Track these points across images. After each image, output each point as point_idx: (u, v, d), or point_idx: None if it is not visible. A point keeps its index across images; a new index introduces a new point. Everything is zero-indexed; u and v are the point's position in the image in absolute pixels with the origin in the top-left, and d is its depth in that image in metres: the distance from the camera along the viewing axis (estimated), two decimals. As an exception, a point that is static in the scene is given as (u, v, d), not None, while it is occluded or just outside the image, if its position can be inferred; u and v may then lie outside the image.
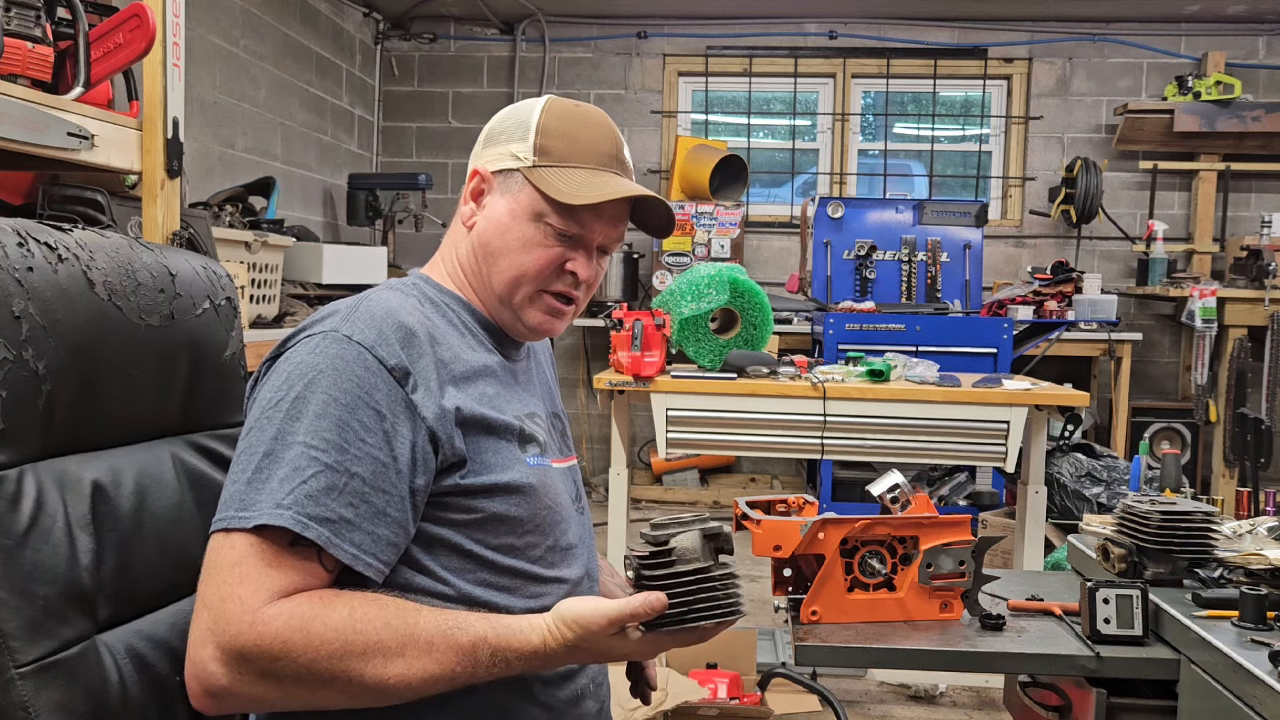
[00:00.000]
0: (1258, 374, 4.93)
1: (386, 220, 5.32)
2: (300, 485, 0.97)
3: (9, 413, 0.93)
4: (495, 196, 1.19)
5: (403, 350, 1.06)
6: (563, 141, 1.18)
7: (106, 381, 1.06)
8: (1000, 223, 5.85)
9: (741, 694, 2.73)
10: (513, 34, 5.96)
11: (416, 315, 1.11)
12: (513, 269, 1.18)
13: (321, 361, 1.03)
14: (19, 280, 0.95)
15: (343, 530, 0.99)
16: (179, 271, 1.19)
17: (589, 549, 1.27)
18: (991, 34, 5.80)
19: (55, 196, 1.91)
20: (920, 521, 1.55)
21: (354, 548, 0.99)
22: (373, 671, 0.96)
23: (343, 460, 0.99)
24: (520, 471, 1.12)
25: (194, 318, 1.19)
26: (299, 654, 0.94)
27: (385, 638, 0.96)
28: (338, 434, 1.00)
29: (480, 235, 1.19)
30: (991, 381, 3.03)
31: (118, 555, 1.02)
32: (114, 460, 1.06)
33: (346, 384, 1.02)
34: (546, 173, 1.16)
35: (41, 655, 0.91)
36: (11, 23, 1.67)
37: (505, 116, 1.23)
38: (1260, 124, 5.32)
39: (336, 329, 1.05)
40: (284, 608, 0.95)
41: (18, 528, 0.91)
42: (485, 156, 1.21)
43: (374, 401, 1.02)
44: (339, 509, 0.98)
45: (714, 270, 3.08)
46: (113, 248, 1.11)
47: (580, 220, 1.17)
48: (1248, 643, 1.35)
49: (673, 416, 2.95)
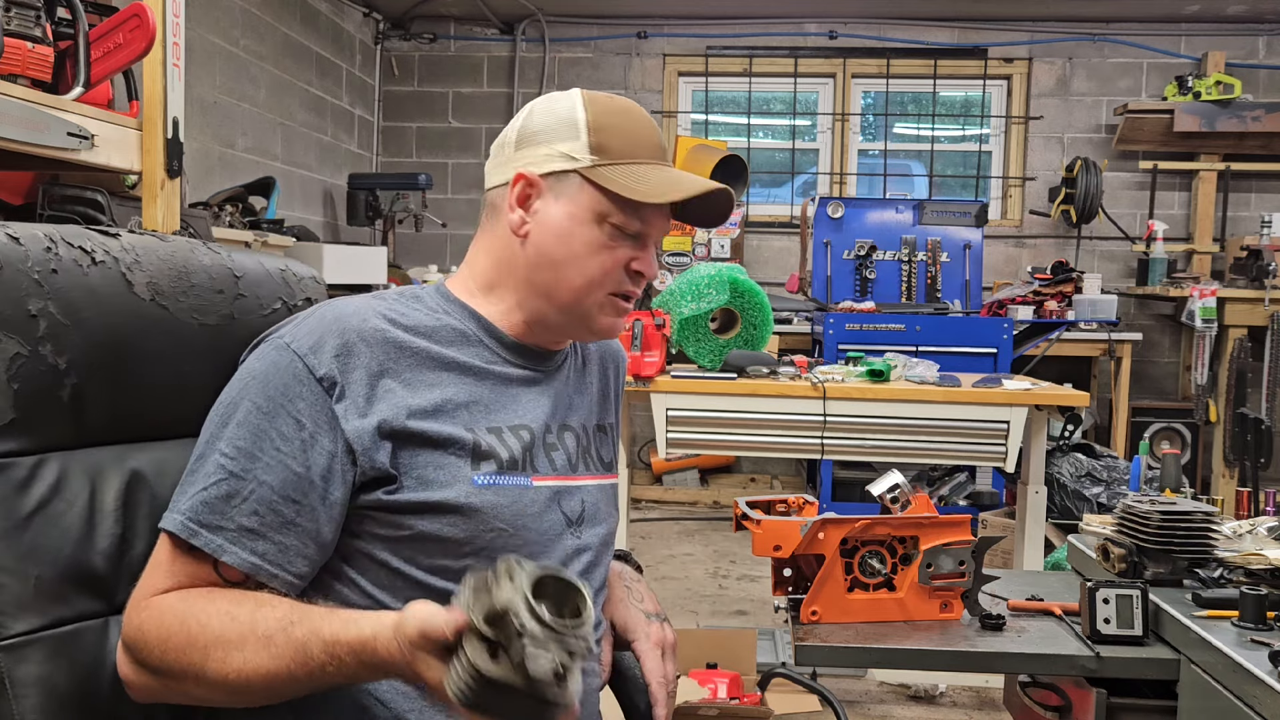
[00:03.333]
0: (1258, 374, 4.93)
1: (386, 220, 5.33)
2: (200, 492, 0.99)
3: (24, 404, 0.99)
4: (548, 201, 1.13)
5: (336, 360, 1.03)
6: (619, 137, 1.12)
7: (151, 377, 1.12)
8: (1000, 223, 5.85)
9: (741, 694, 2.73)
10: (513, 34, 5.96)
11: (372, 323, 1.07)
12: (581, 276, 1.13)
13: (258, 368, 1.04)
14: (39, 281, 1.01)
15: (243, 539, 0.99)
16: (246, 272, 1.24)
17: (585, 573, 1.18)
18: (991, 34, 5.81)
19: (55, 196, 1.91)
20: (920, 521, 1.55)
21: (255, 556, 0.99)
22: (214, 666, 0.94)
23: (251, 468, 1.00)
24: (461, 490, 1.06)
25: (260, 317, 1.22)
26: (154, 645, 0.95)
27: (227, 630, 0.94)
28: (252, 442, 1.00)
29: (539, 244, 1.13)
30: (991, 381, 3.03)
31: (149, 541, 1.06)
32: (163, 453, 1.13)
33: (272, 391, 1.02)
34: (610, 171, 1.11)
35: (25, 630, 0.96)
36: (11, 23, 1.67)
37: (542, 115, 1.15)
38: (1260, 124, 5.32)
39: (282, 336, 1.06)
40: (157, 601, 0.97)
41: (21, 511, 0.97)
42: (526, 159, 1.14)
43: (295, 410, 1.02)
44: (239, 518, 0.99)
45: (714, 270, 3.08)
46: (168, 251, 1.16)
47: (645, 217, 1.13)
48: (1248, 643, 1.35)
49: (673, 416, 2.95)
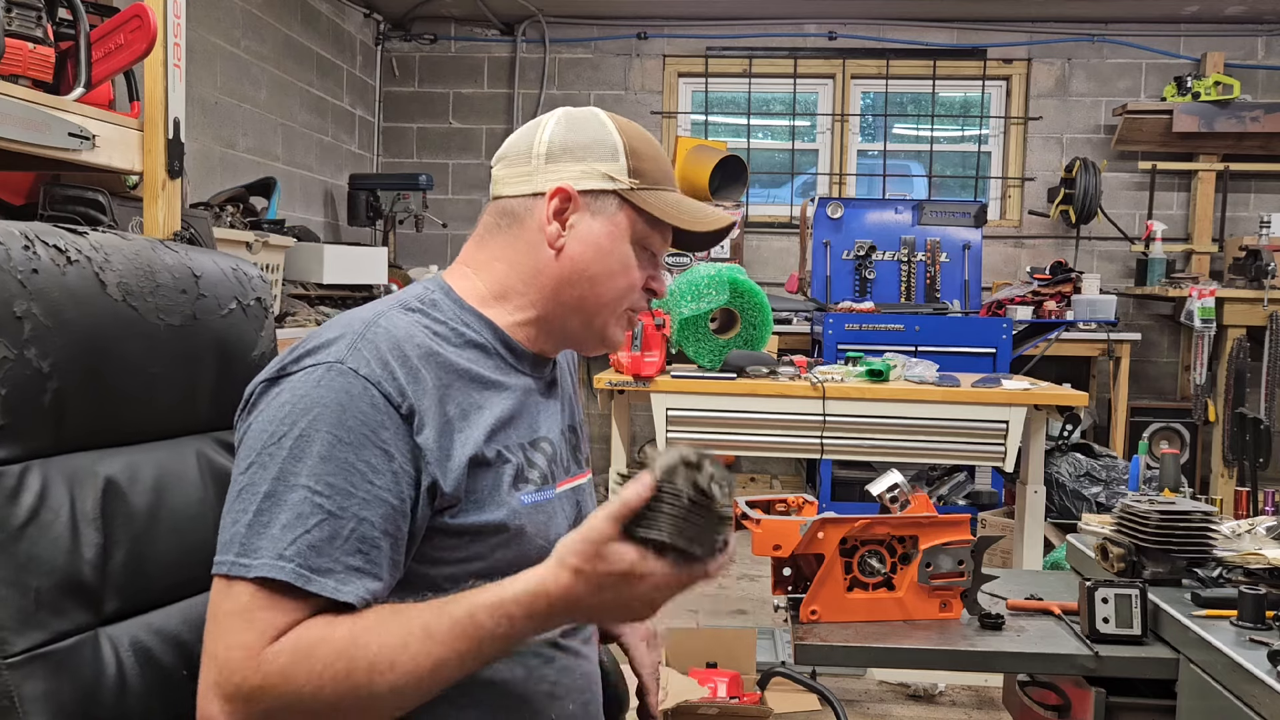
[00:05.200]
0: (1256, 374, 4.93)
1: (387, 220, 5.33)
2: (303, 535, 0.94)
3: (10, 410, 0.95)
4: (585, 217, 1.15)
5: (409, 386, 1.01)
6: (651, 164, 1.17)
7: (123, 380, 1.08)
8: (999, 223, 5.85)
9: (741, 693, 2.73)
10: (513, 35, 5.96)
11: (425, 344, 1.07)
12: (613, 292, 1.17)
13: (325, 396, 0.98)
14: (22, 282, 0.97)
15: (351, 579, 0.95)
16: (204, 272, 1.21)
17: None
18: (990, 35, 5.81)
19: (56, 197, 1.91)
20: (919, 521, 1.55)
21: (366, 594, 0.96)
22: (382, 678, 0.92)
23: (347, 505, 0.96)
24: (510, 510, 1.08)
25: (220, 318, 1.21)
26: (306, 687, 0.92)
27: (385, 639, 0.93)
28: (343, 478, 0.96)
29: (575, 259, 1.15)
30: (990, 381, 3.04)
31: (128, 549, 1.03)
32: (133, 457, 1.08)
33: (351, 421, 0.97)
34: (648, 195, 1.16)
35: (31, 646, 0.93)
36: (13, 23, 1.68)
37: (574, 131, 1.17)
38: (1259, 124, 5.32)
39: (341, 360, 1.00)
40: (285, 643, 0.93)
41: (15, 521, 0.93)
42: (562, 174, 1.15)
43: (381, 441, 0.98)
44: (344, 558, 0.95)
45: (714, 270, 3.08)
46: (133, 250, 1.13)
47: (666, 239, 1.20)
48: (1246, 642, 1.35)
49: (673, 416, 2.96)
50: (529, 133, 1.19)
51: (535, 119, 1.21)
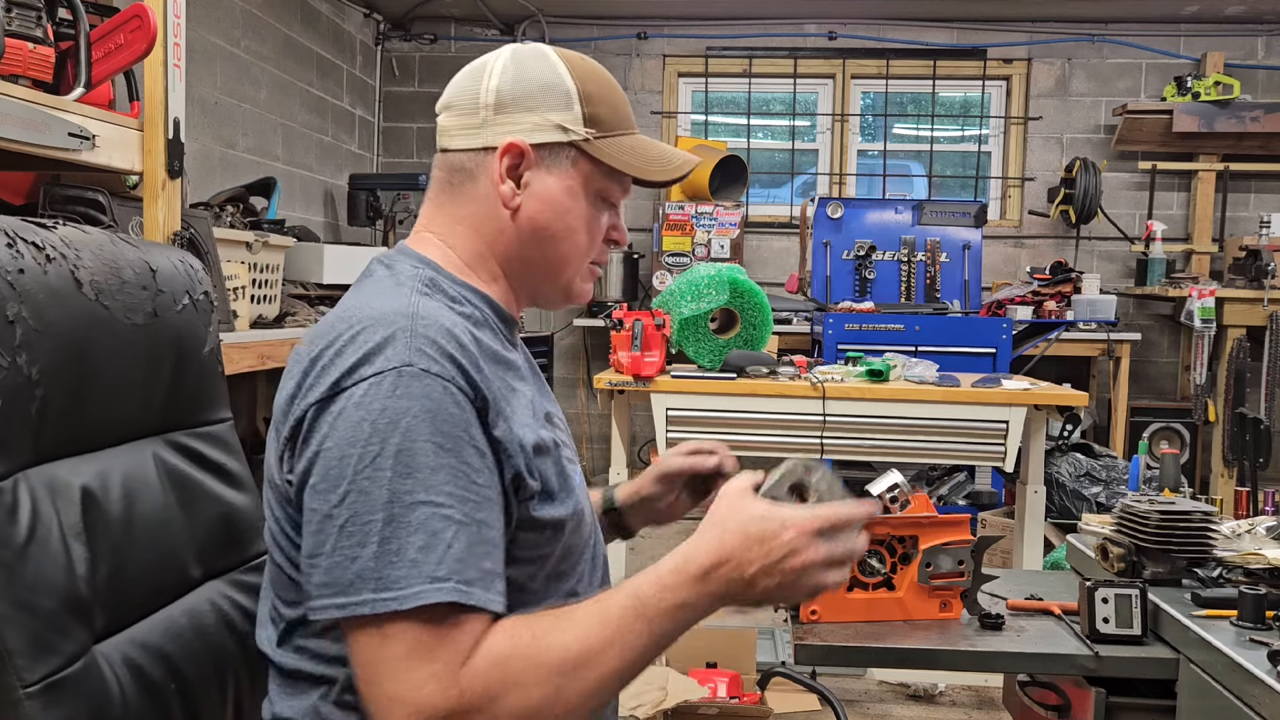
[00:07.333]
0: (1256, 374, 4.93)
1: (387, 220, 5.33)
2: (446, 551, 0.89)
3: (3, 421, 0.90)
4: (540, 173, 1.08)
5: (476, 376, 0.97)
6: (606, 108, 1.10)
7: (95, 383, 1.02)
8: (999, 223, 5.85)
9: (741, 693, 2.73)
10: (513, 35, 5.96)
11: (465, 329, 1.01)
12: (575, 249, 1.11)
13: (408, 404, 0.91)
14: (11, 284, 0.91)
15: (493, 584, 0.92)
16: (160, 267, 1.16)
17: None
18: (990, 34, 5.81)
19: (56, 197, 1.91)
20: (919, 521, 1.55)
21: (504, 598, 0.94)
22: (577, 677, 0.90)
23: (471, 513, 0.92)
24: (575, 496, 1.06)
25: (175, 314, 1.17)
26: (510, 699, 0.89)
27: (565, 639, 0.91)
28: (458, 485, 0.92)
29: (533, 218, 1.08)
30: (990, 381, 3.04)
31: (111, 562, 0.99)
32: (102, 464, 1.03)
33: (445, 426, 0.92)
34: (605, 144, 1.09)
35: (48, 673, 0.88)
36: (12, 23, 1.67)
37: (526, 76, 1.09)
38: (1259, 124, 5.32)
39: (410, 362, 0.93)
40: (477, 663, 0.89)
41: (17, 539, 0.88)
42: (511, 126, 1.07)
43: (473, 439, 0.94)
44: (483, 564, 0.92)
45: (714, 270, 3.08)
46: (96, 245, 1.07)
47: (626, 187, 1.13)
48: (1246, 642, 1.35)
49: (673, 416, 2.96)
50: (474, 77, 1.11)
51: (481, 59, 1.13)
